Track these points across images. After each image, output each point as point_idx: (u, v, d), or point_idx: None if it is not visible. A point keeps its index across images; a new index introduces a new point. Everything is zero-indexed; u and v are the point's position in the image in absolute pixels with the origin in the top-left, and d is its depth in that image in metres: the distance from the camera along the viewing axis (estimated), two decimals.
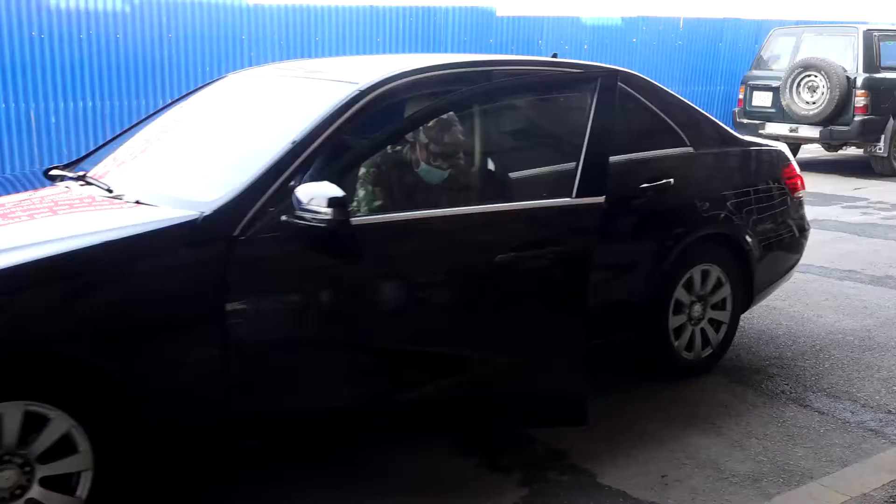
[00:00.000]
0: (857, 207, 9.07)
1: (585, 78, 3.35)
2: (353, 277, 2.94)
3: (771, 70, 11.75)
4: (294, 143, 2.95)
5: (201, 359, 2.72)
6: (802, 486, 3.31)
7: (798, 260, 4.91)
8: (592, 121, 3.16)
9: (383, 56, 5.16)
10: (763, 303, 5.46)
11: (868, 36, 11.09)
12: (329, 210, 2.63)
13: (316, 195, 2.66)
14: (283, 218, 2.74)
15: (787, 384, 4.29)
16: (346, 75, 3.45)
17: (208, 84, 4.20)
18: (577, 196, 3.11)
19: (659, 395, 4.09)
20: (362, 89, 3.15)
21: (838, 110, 10.82)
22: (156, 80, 8.80)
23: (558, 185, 3.34)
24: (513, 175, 3.83)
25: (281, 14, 9.70)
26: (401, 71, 3.34)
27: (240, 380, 2.77)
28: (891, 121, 11.00)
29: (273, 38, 9.60)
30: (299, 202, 2.68)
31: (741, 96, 11.98)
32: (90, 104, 8.56)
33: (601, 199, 3.11)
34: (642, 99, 3.97)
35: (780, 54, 11.77)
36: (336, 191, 2.67)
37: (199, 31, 9.12)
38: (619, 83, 3.35)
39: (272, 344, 2.81)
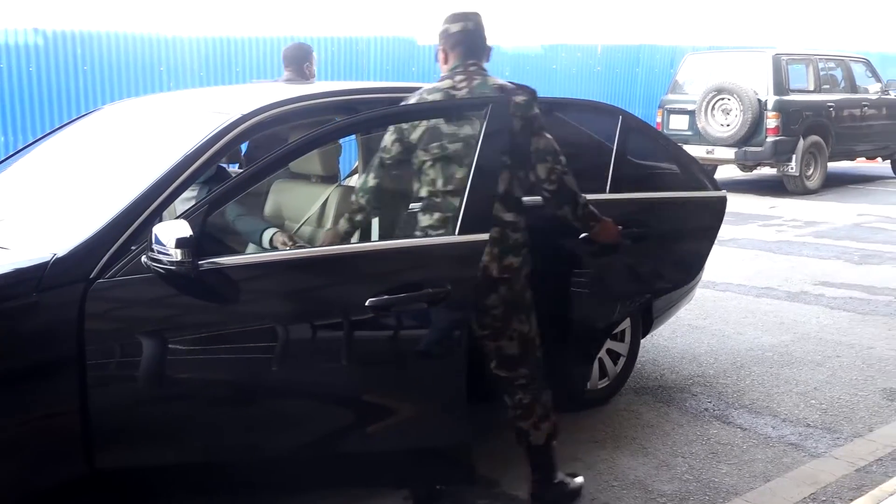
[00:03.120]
0: (772, 225, 9.36)
1: (473, 105, 2.95)
2: (217, 321, 2.68)
3: (686, 94, 12.09)
4: (159, 177, 2.77)
5: (58, 411, 2.48)
6: (728, 503, 3.37)
7: (697, 282, 4.73)
8: (480, 150, 2.84)
9: (270, 84, 4.88)
10: (685, 321, 5.60)
11: (777, 60, 11.51)
12: (177, 251, 2.40)
13: (167, 234, 2.43)
14: (143, 259, 2.52)
15: (711, 402, 4.37)
16: (219, 106, 3.32)
17: (82, 116, 4.01)
18: (460, 233, 2.80)
19: (588, 418, 4.11)
20: (233, 120, 3.02)
21: (751, 132, 11.19)
22: (71, 113, 8.60)
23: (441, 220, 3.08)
24: (394, 210, 3.49)
25: (201, 45, 9.63)
26: (275, 101, 3.24)
27: (102, 433, 2.53)
28: (801, 141, 11.43)
29: (193, 68, 9.51)
30: (156, 241, 2.46)
31: (659, 120, 12.27)
32: (1, 139, 8.33)
33: (486, 235, 2.82)
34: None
35: (695, 78, 12.12)
36: (185, 230, 2.42)
37: (115, 62, 8.99)
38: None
39: (136, 393, 2.59)
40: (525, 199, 3.06)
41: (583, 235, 3.22)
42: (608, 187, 3.30)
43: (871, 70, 13.09)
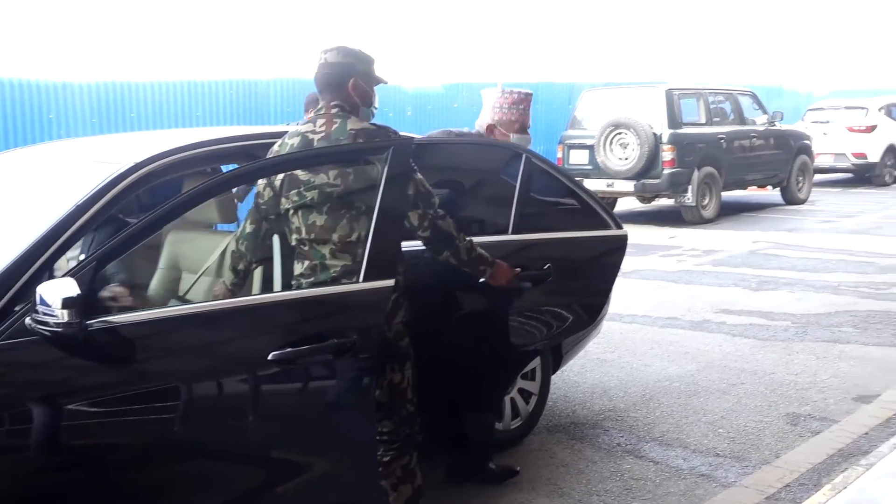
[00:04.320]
0: (672, 255, 9.59)
1: (374, 149, 2.86)
2: (113, 383, 2.51)
3: (585, 129, 12.36)
4: (44, 233, 2.61)
5: None
6: None
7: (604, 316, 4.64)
8: (382, 195, 2.76)
9: (168, 131, 4.70)
10: (594, 355, 5.63)
11: (670, 94, 11.90)
12: (63, 312, 2.23)
13: (52, 294, 2.27)
14: (27, 321, 2.33)
15: (623, 436, 4.38)
16: (111, 154, 3.20)
17: None
18: (364, 280, 2.72)
19: (503, 460, 4.06)
20: (125, 170, 2.90)
21: (648, 165, 11.51)
22: None
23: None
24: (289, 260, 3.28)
25: (92, 91, 9.34)
26: (170, 148, 3.12)
27: None
28: (695, 172, 11.81)
29: (84, 115, 9.21)
30: (40, 302, 2.29)
31: (560, 155, 12.50)
32: None
33: (391, 282, 2.74)
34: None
35: (593, 114, 12.41)
36: (71, 289, 2.26)
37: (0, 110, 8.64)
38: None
39: (28, 464, 2.41)
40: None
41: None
42: (511, 228, 3.28)
43: (758, 102, 13.67)
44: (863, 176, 16.70)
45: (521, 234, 3.28)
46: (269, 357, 2.56)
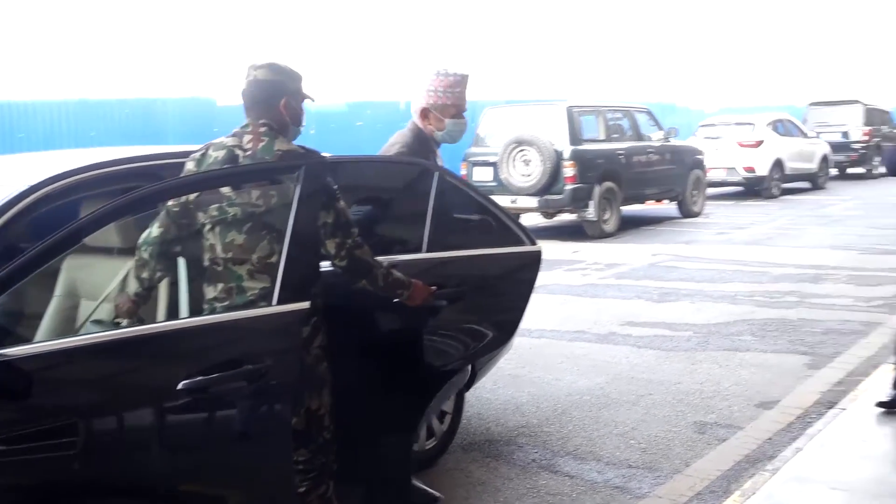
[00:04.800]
0: (577, 270, 9.74)
1: (285, 168, 2.75)
2: (9, 421, 2.33)
3: (488, 146, 12.46)
4: None
5: None
6: None
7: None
8: (295, 216, 2.67)
9: (62, 152, 4.45)
10: (505, 371, 5.64)
11: (570, 111, 12.13)
12: None
13: None
14: None
15: (537, 452, 4.39)
16: (2, 178, 3.04)
17: None
18: (278, 303, 2.62)
19: (420, 480, 4.00)
20: (18, 193, 2.77)
21: (551, 181, 11.67)
22: None
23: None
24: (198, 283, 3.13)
25: None
26: (67, 170, 2.99)
27: None
28: (596, 188, 12.05)
29: None
30: None
31: (464, 172, 12.56)
32: None
33: (306, 305, 2.65)
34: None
35: (495, 131, 12.52)
36: None
37: None
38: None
39: None
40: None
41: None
42: (425, 247, 3.24)
43: (653, 119, 14.07)
44: (752, 189, 17.37)
45: (435, 252, 3.24)
46: (179, 387, 2.44)
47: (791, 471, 3.89)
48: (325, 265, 2.84)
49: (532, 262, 3.48)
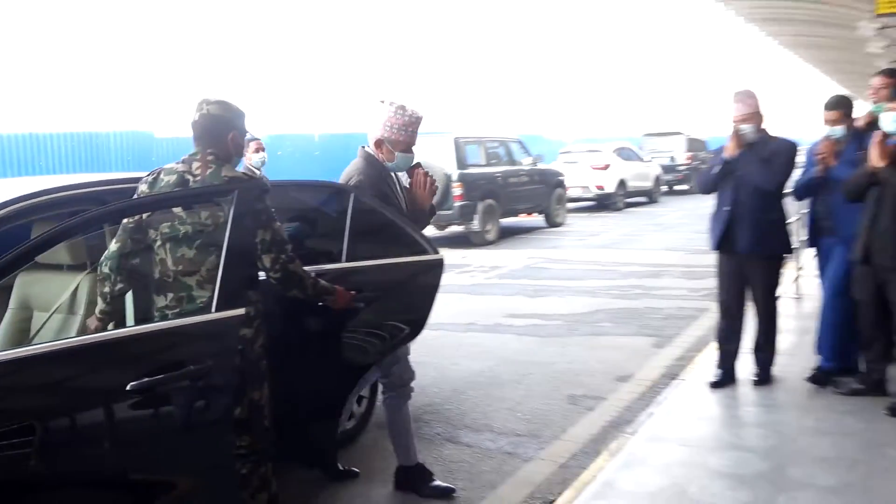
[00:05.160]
0: (466, 272, 9.74)
1: (221, 191, 2.58)
2: None
3: None
4: None
5: None
6: None
7: None
8: (230, 232, 2.51)
9: (14, 179, 4.14)
10: (413, 359, 5.46)
11: (457, 141, 12.20)
12: None
13: None
14: None
15: (441, 426, 4.32)
16: None
17: None
18: (216, 310, 2.47)
19: (341, 458, 3.88)
20: None
21: (442, 199, 11.63)
22: None
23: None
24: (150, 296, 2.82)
25: None
26: (16, 196, 2.76)
27: None
28: (479, 204, 12.12)
29: None
30: None
31: None
32: None
33: (241, 311, 2.50)
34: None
35: None
36: None
37: None
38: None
39: None
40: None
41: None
42: (344, 257, 3.13)
43: (524, 147, 14.26)
44: (603, 203, 17.84)
45: (353, 261, 3.13)
46: (128, 387, 2.26)
47: (647, 432, 3.95)
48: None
49: (435, 268, 3.41)
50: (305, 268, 2.75)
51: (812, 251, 4.87)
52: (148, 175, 2.74)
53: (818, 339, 4.54)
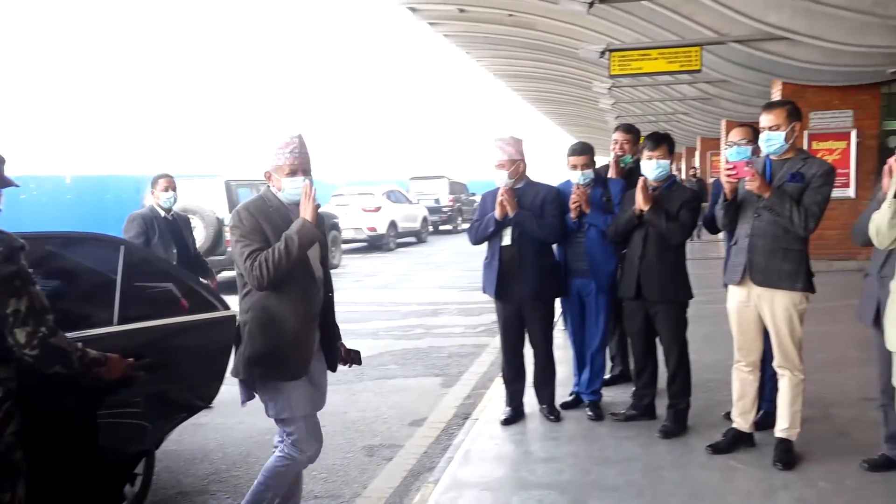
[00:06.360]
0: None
1: None
2: None
3: None
4: None
5: None
6: None
7: None
8: None
9: None
10: (190, 421, 4.91)
11: (228, 184, 11.52)
12: None
13: None
14: None
15: (229, 497, 3.84)
16: None
17: None
18: None
19: None
20: None
21: (215, 243, 10.94)
22: None
23: None
24: None
25: None
26: None
27: None
28: None
29: None
30: None
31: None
32: None
33: None
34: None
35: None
36: None
37: None
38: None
39: None
40: None
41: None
42: (116, 319, 2.63)
43: None
44: (375, 244, 17.94)
45: (127, 324, 2.64)
46: None
47: (448, 479, 3.82)
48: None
49: (227, 325, 3.01)
50: (69, 334, 2.24)
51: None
52: None
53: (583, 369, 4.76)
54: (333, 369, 3.16)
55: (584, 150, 4.57)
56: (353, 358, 3.19)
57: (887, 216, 2.93)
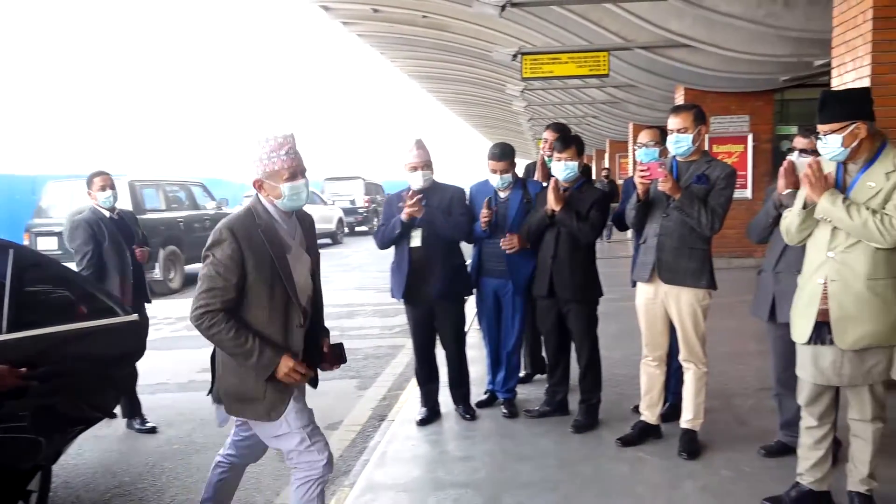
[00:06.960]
0: (151, 326, 8.72)
1: None
2: None
3: (52, 217, 10.76)
4: None
5: None
6: None
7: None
8: None
9: None
10: (89, 433, 4.64)
11: (132, 185, 11.06)
12: None
13: None
14: None
15: None
16: None
17: None
18: None
19: None
20: None
21: None
22: None
23: None
24: None
25: None
26: None
27: None
28: (161, 251, 11.10)
29: None
30: None
31: (27, 242, 10.65)
32: None
33: None
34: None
35: (59, 203, 10.89)
36: None
37: None
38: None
39: None
40: None
41: None
42: (5, 327, 2.45)
43: (207, 191, 13.46)
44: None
45: (17, 331, 2.47)
46: None
47: (364, 482, 3.77)
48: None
49: (130, 330, 2.85)
50: None
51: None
52: None
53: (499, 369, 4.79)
54: (314, 385, 3.01)
55: (503, 155, 4.49)
56: (338, 356, 3.01)
57: (796, 223, 3.04)
